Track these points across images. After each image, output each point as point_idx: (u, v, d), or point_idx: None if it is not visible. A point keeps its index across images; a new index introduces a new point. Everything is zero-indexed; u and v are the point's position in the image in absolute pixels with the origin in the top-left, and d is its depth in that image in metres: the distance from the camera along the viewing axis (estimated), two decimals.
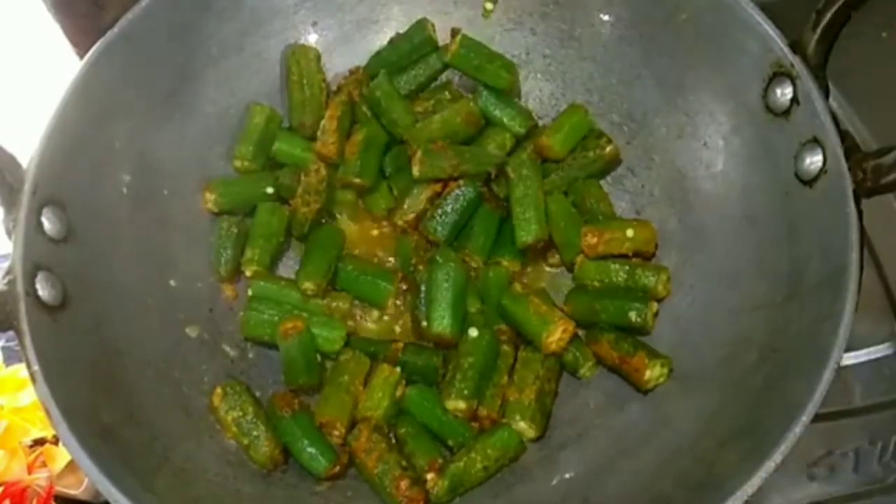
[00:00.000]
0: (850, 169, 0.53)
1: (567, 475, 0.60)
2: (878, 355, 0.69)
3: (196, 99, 0.68)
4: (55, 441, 0.69)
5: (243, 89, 0.70)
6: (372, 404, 0.62)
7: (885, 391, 0.68)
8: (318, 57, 0.72)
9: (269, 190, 0.69)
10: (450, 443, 0.62)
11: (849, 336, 0.50)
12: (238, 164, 0.70)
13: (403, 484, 0.58)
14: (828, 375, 0.49)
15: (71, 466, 0.68)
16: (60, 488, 0.68)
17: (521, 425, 0.61)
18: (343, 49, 0.74)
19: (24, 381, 0.49)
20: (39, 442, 0.70)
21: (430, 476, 0.59)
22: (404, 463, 0.59)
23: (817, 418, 0.63)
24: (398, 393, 0.63)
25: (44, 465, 0.69)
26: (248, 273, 0.67)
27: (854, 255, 0.51)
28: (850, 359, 0.68)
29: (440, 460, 0.60)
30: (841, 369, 0.64)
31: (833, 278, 0.52)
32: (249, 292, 0.66)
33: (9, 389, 0.71)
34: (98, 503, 0.68)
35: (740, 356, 0.58)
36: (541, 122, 0.74)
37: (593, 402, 0.64)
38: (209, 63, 0.68)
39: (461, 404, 0.61)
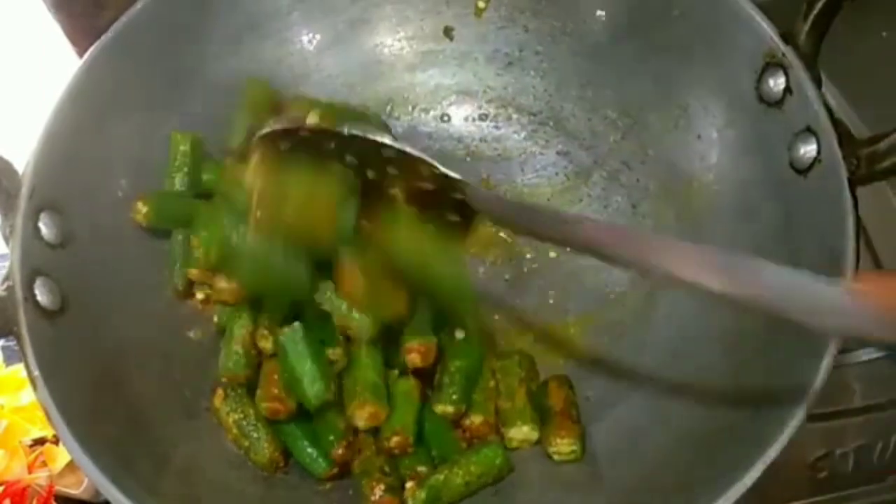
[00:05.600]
0: (844, 157, 0.54)
1: (566, 469, 0.60)
2: (878, 355, 0.69)
3: (192, 101, 0.68)
4: (55, 441, 0.69)
5: (240, 91, 0.70)
6: None
7: (885, 391, 0.68)
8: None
9: None
10: (433, 453, 0.61)
11: None
12: None
13: (378, 489, 0.57)
14: (826, 363, 0.49)
15: (71, 466, 0.68)
16: (60, 488, 0.68)
17: (525, 429, 0.61)
18: (336, 49, 0.74)
19: (25, 381, 0.49)
20: (39, 441, 0.70)
21: (409, 485, 0.58)
22: (387, 468, 0.59)
23: (817, 418, 0.64)
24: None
25: (44, 464, 0.69)
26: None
27: (850, 243, 0.51)
28: (850, 359, 0.68)
29: (424, 470, 0.59)
30: (841, 369, 0.64)
31: (830, 266, 0.52)
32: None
33: (9, 389, 0.71)
34: (98, 503, 0.68)
35: (738, 348, 0.58)
36: (535, 118, 0.74)
37: (593, 398, 0.64)
38: (205, 65, 0.68)
39: (450, 409, 0.61)
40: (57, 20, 0.71)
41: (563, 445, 0.60)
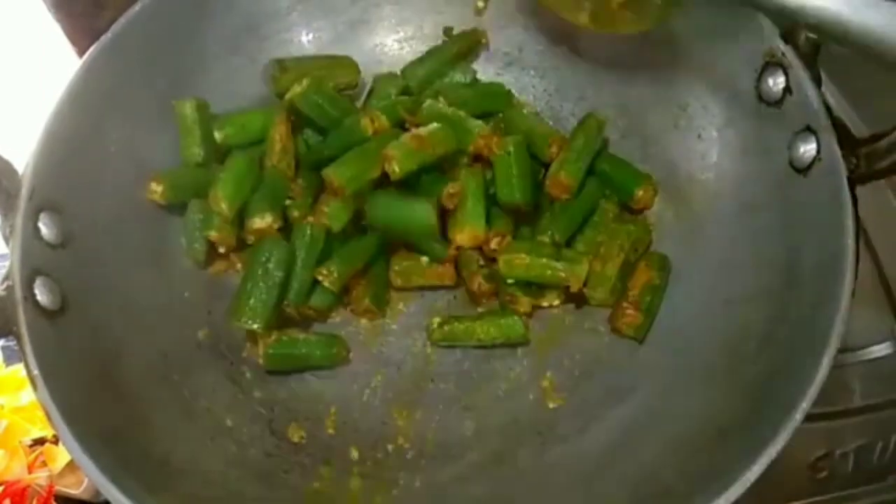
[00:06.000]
0: (843, 156, 0.54)
1: (567, 467, 0.60)
2: (878, 355, 0.69)
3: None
4: (55, 441, 0.69)
5: (239, 92, 0.70)
6: None
7: (885, 391, 0.68)
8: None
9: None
10: None
11: (847, 329, 0.50)
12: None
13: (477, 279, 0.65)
14: (827, 360, 0.49)
15: (71, 466, 0.68)
16: (60, 488, 0.68)
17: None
18: (336, 49, 0.74)
19: (25, 381, 0.50)
20: (39, 441, 0.70)
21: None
22: (482, 262, 0.67)
23: (817, 418, 0.63)
24: None
25: (44, 464, 0.69)
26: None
27: (850, 241, 0.51)
28: (850, 359, 0.68)
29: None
30: (841, 369, 0.64)
31: (829, 264, 0.52)
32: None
33: (9, 389, 0.72)
34: (98, 503, 0.68)
35: (739, 346, 0.58)
36: None
37: (594, 395, 0.64)
38: (205, 65, 0.68)
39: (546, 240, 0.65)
40: (57, 20, 0.71)
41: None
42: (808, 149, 0.56)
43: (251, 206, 0.64)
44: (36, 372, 0.50)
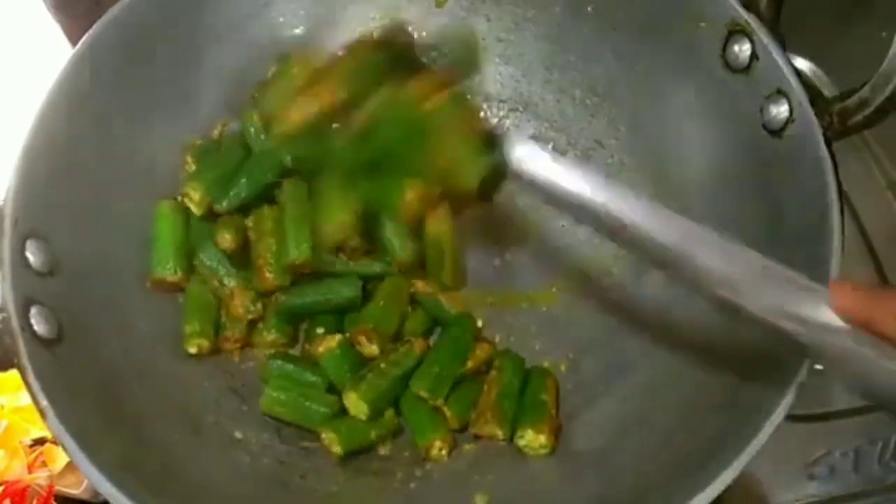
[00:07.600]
0: (816, 115, 0.55)
1: (579, 444, 0.61)
2: None
3: (174, 114, 0.67)
4: (55, 441, 0.68)
5: (217, 100, 0.70)
6: None
7: None
8: None
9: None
10: None
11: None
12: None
13: None
14: None
15: (71, 466, 0.67)
16: (61, 488, 0.67)
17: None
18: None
19: None
20: (39, 441, 0.70)
21: None
22: None
23: (817, 418, 0.65)
24: None
25: (44, 464, 0.68)
26: (192, 350, 0.64)
27: (833, 197, 0.53)
28: None
29: None
30: None
31: (816, 223, 0.53)
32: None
33: (9, 389, 0.70)
34: (98, 503, 0.68)
35: (734, 315, 0.59)
36: (505, 105, 0.75)
37: (594, 372, 0.65)
38: (181, 75, 0.67)
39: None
40: (57, 20, 0.69)
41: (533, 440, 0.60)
42: (780, 110, 0.58)
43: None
44: (45, 403, 0.49)
